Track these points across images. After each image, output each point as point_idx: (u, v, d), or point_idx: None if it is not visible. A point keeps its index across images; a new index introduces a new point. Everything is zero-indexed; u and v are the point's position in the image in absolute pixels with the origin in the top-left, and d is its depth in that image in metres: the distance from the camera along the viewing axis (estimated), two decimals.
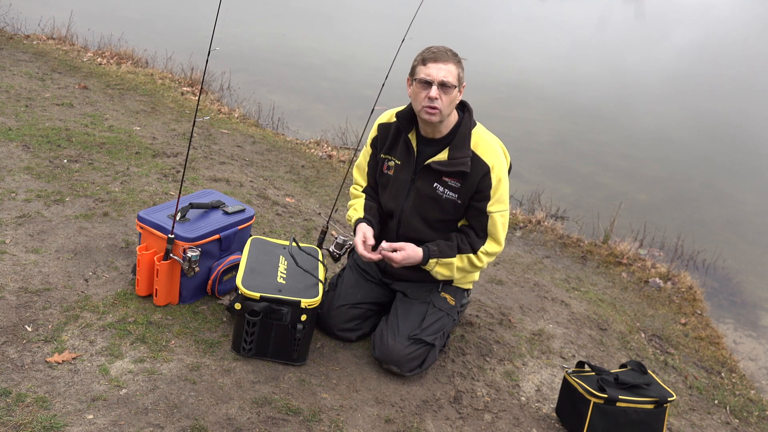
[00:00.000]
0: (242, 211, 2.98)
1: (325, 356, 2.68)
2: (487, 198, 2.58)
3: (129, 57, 7.68)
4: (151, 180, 4.00)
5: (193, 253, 2.65)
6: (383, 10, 16.73)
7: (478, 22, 17.79)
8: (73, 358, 2.35)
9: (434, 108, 2.46)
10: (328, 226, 2.94)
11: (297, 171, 5.30)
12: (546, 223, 5.38)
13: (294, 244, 2.72)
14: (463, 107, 2.64)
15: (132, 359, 2.40)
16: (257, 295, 2.44)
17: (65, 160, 4.04)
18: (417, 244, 2.64)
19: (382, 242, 2.60)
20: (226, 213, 2.93)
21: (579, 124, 9.56)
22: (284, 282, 2.56)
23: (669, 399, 2.47)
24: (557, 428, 2.59)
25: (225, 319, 2.76)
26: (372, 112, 2.95)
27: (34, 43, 7.40)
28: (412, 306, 2.72)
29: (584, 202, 6.50)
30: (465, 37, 13.89)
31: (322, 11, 16.13)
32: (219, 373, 2.42)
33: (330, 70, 10.55)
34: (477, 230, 2.65)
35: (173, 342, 2.55)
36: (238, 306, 2.46)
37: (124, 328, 2.56)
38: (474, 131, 2.60)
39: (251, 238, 2.83)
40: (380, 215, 2.79)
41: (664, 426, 2.50)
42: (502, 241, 2.67)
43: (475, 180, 2.55)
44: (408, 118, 2.63)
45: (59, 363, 2.31)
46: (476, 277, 2.89)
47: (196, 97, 6.60)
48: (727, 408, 3.28)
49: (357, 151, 3.58)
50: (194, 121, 2.87)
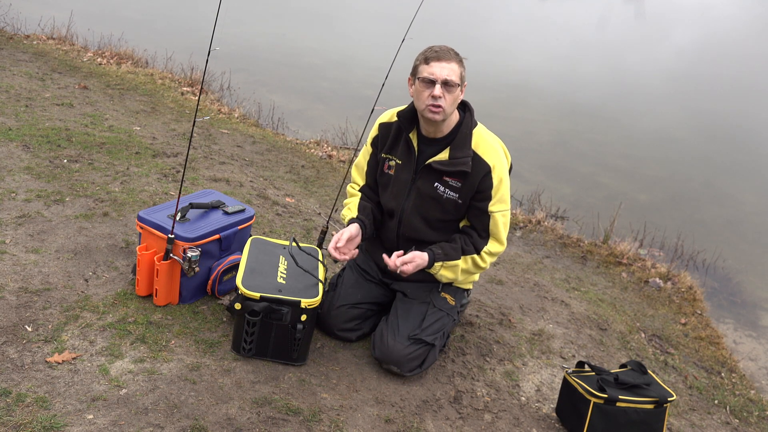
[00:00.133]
0: (242, 211, 2.98)
1: (325, 356, 2.68)
2: (489, 198, 2.58)
3: (129, 57, 7.67)
4: (151, 180, 4.00)
5: (193, 253, 2.65)
6: (383, 10, 16.72)
7: (478, 22, 17.78)
8: (73, 358, 2.35)
9: (438, 107, 2.46)
10: (328, 226, 2.94)
11: (297, 171, 5.30)
12: (546, 223, 5.38)
13: (294, 244, 2.72)
14: (464, 107, 2.64)
15: (132, 359, 2.40)
16: (257, 295, 2.45)
17: (65, 160, 4.04)
18: (418, 245, 2.64)
19: (392, 256, 2.53)
20: (226, 213, 2.93)
21: (579, 124, 9.56)
22: (284, 282, 2.56)
23: (669, 399, 2.47)
24: (557, 428, 2.59)
25: (225, 319, 2.76)
26: (372, 112, 2.95)
27: (34, 43, 7.40)
28: (412, 306, 2.72)
29: (584, 202, 6.50)
30: (465, 37, 13.88)
31: (322, 11, 16.13)
32: (219, 373, 2.42)
33: (330, 70, 10.54)
34: (479, 230, 2.65)
35: (173, 342, 2.55)
36: (238, 306, 2.46)
37: (124, 328, 2.56)
38: (475, 131, 2.60)
39: (251, 238, 2.83)
40: (376, 214, 2.78)
41: (664, 426, 2.50)
42: (504, 240, 2.67)
43: (476, 180, 2.55)
44: (409, 117, 2.63)
45: (59, 363, 2.31)
46: (476, 278, 2.88)
47: (196, 97, 6.60)
48: (727, 408, 3.28)
49: (357, 151, 3.57)
50: (194, 121, 2.87)
